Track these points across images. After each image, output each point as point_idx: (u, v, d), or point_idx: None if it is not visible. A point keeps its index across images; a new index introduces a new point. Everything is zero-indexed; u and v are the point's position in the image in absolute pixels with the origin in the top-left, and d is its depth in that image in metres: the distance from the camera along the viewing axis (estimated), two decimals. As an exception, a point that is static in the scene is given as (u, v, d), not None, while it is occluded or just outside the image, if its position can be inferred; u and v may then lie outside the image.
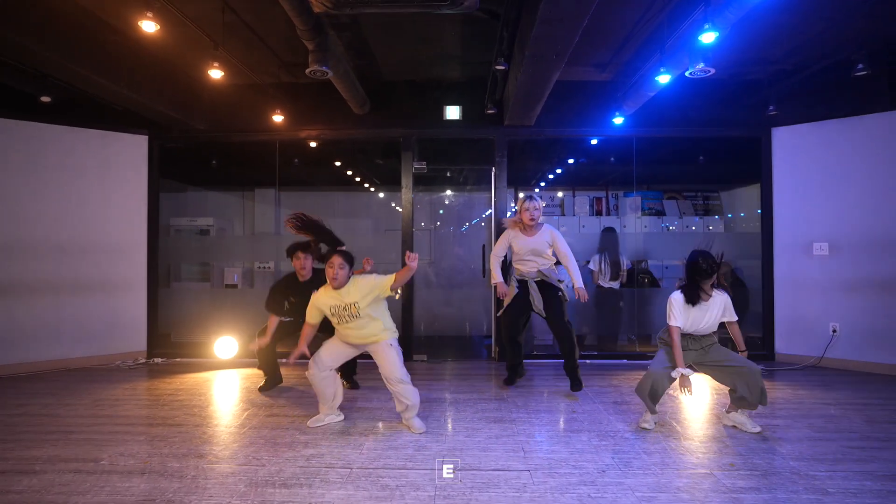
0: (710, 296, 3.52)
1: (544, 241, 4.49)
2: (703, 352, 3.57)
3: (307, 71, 4.27)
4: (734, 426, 3.60)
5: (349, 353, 3.79)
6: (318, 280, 3.97)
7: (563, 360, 4.58)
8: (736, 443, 3.33)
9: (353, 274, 3.60)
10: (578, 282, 4.42)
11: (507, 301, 4.62)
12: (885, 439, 3.38)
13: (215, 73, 4.36)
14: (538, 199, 4.51)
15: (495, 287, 4.70)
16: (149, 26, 3.48)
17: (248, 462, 3.03)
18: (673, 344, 3.49)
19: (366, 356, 3.82)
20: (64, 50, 4.21)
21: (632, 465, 2.98)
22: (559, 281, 4.51)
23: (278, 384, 4.75)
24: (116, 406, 4.16)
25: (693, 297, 3.48)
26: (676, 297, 3.54)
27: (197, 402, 4.27)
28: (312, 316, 3.66)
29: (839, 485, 2.70)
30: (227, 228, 8.18)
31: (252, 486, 2.72)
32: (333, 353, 3.71)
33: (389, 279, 3.53)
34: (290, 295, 4.55)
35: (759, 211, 6.10)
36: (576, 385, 4.47)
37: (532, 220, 4.45)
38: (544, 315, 4.47)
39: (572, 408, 4.12)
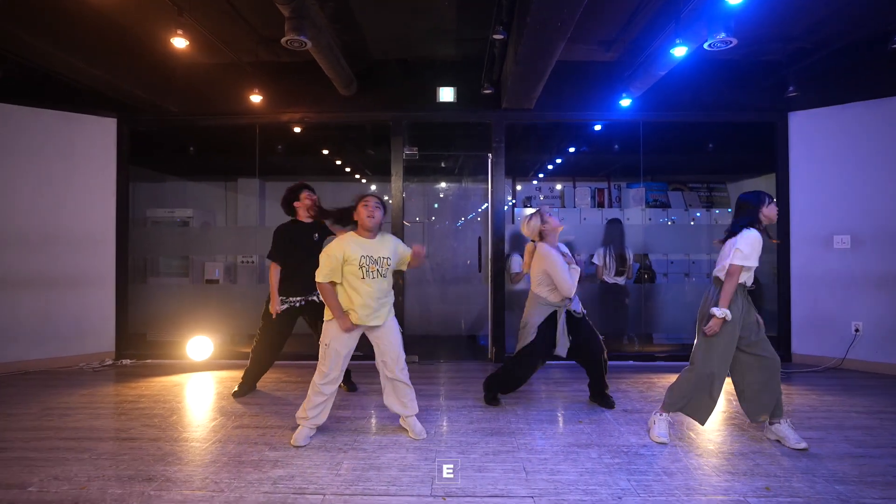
0: None
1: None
2: (747, 314, 3.16)
3: (283, 41, 3.82)
4: (778, 440, 3.17)
5: (351, 348, 3.25)
6: (320, 225, 4.05)
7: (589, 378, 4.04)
8: (768, 460, 2.91)
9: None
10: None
11: (531, 335, 3.76)
12: (936, 456, 2.98)
13: (179, 42, 3.89)
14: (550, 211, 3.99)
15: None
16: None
17: (203, 486, 2.59)
18: (730, 285, 3.05)
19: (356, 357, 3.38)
20: (14, 16, 3.74)
21: (652, 489, 2.56)
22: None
23: (251, 391, 4.31)
24: (66, 416, 3.70)
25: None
26: (755, 235, 3.09)
27: (159, 411, 3.82)
28: (335, 272, 3.11)
29: (900, 517, 2.30)
30: (209, 220, 7.72)
31: (204, 518, 2.28)
32: (340, 357, 3.18)
33: (408, 253, 3.34)
34: (293, 239, 4.13)
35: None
36: (609, 403, 3.94)
37: (557, 227, 3.87)
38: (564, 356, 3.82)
39: (578, 417, 3.69)
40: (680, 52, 3.99)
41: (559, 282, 3.61)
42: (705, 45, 3.79)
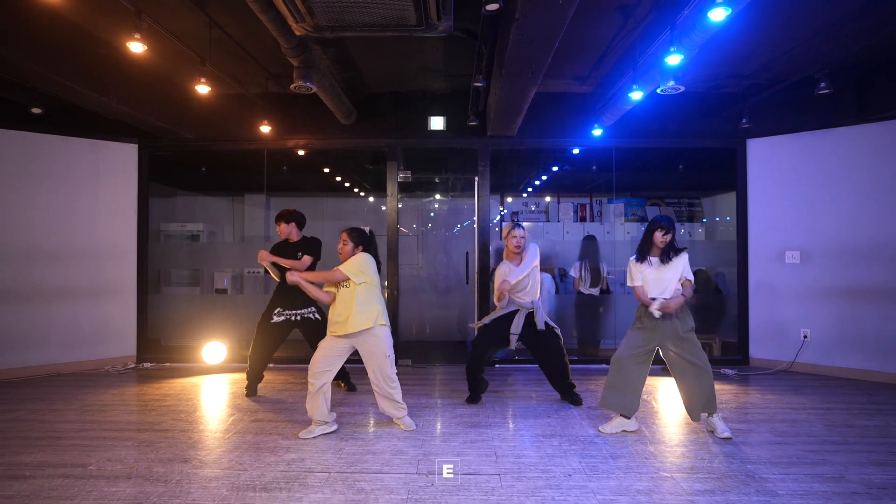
0: (667, 257, 3.72)
1: (531, 262, 4.44)
2: (676, 336, 3.67)
3: (292, 87, 4.41)
4: (710, 430, 3.74)
5: (341, 354, 3.75)
6: (304, 244, 4.66)
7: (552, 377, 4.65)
8: (700, 448, 3.49)
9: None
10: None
11: (484, 320, 4.58)
12: (841, 443, 3.55)
13: (202, 89, 4.47)
14: (522, 226, 4.52)
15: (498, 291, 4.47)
16: (136, 47, 3.60)
17: (231, 467, 3.16)
18: (637, 292, 3.79)
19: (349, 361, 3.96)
20: (52, 64, 4.32)
21: (598, 469, 3.14)
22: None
23: (259, 381, 4.85)
24: (104, 411, 4.27)
25: (642, 253, 3.77)
26: (630, 260, 3.84)
27: (184, 408, 4.39)
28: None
29: (789, 487, 2.87)
30: (218, 233, 8.29)
31: (233, 490, 2.85)
32: (326, 359, 3.69)
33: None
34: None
35: (735, 219, 6.29)
36: (577, 401, 4.52)
37: (518, 247, 4.44)
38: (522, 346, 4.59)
39: (547, 413, 4.27)
40: (636, 95, 4.59)
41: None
42: (658, 90, 4.37)
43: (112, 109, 5.18)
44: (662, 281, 3.71)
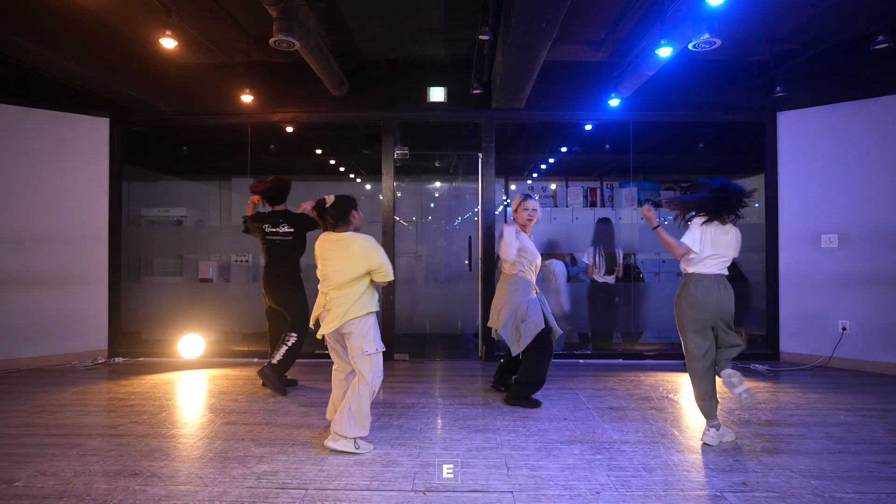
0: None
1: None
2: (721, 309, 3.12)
3: (271, 41, 3.85)
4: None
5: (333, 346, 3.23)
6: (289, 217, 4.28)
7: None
8: (747, 456, 2.95)
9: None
10: None
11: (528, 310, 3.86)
12: (914, 452, 3.02)
13: (168, 43, 3.92)
14: (535, 197, 4.07)
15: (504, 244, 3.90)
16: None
17: (188, 481, 2.62)
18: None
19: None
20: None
21: (630, 485, 2.60)
22: None
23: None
24: (57, 413, 3.73)
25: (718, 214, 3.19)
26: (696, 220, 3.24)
27: (148, 408, 3.85)
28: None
29: (871, 510, 2.33)
30: (204, 219, 7.75)
31: (186, 513, 2.32)
32: (332, 351, 3.22)
33: None
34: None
35: (760, 202, 5.74)
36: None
37: (530, 220, 4.00)
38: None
39: (563, 414, 3.73)
40: (665, 52, 4.03)
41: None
42: (690, 46, 3.82)
43: (74, 73, 4.64)
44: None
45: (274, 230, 4.30)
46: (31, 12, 4.03)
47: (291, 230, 4.30)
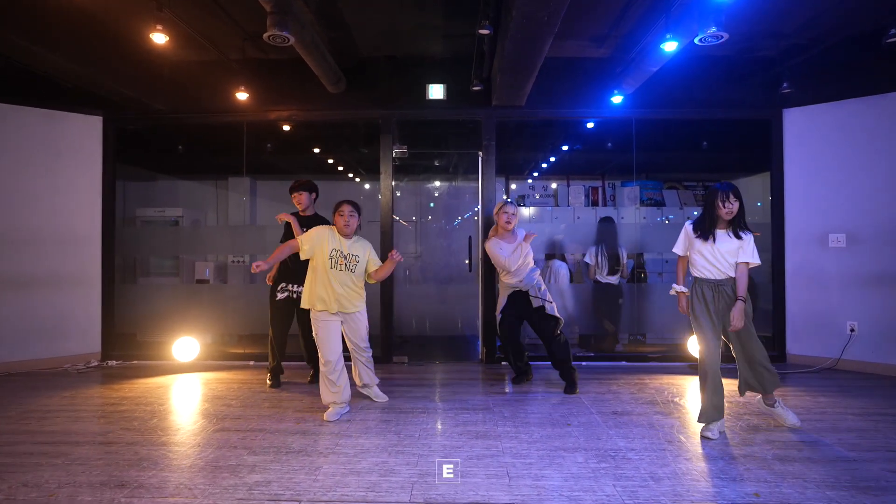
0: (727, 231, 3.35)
1: (516, 244, 4.46)
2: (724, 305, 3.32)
3: (265, 36, 3.74)
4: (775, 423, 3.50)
5: (337, 328, 3.69)
6: (316, 221, 4.37)
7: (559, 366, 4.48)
8: (758, 465, 2.83)
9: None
10: None
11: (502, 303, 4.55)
12: (931, 460, 2.91)
13: (159, 38, 3.81)
14: (514, 203, 4.55)
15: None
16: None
17: (176, 493, 2.51)
18: (677, 268, 3.51)
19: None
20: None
21: (638, 495, 2.49)
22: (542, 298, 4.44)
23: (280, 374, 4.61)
24: (44, 419, 3.62)
25: (702, 226, 3.36)
26: (686, 225, 3.49)
27: (140, 414, 3.75)
28: (306, 251, 3.64)
29: (892, 524, 2.22)
30: (200, 219, 7.64)
31: (173, 527, 2.21)
32: (330, 339, 3.62)
33: (378, 266, 3.81)
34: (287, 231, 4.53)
35: (765, 200, 5.62)
36: (571, 388, 4.35)
37: (508, 223, 4.44)
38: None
39: (567, 420, 3.62)
40: (670, 46, 3.92)
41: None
42: (696, 40, 3.71)
43: (63, 69, 4.53)
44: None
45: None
46: (20, 8, 3.93)
47: None
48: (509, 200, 4.53)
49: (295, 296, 4.41)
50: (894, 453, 2.99)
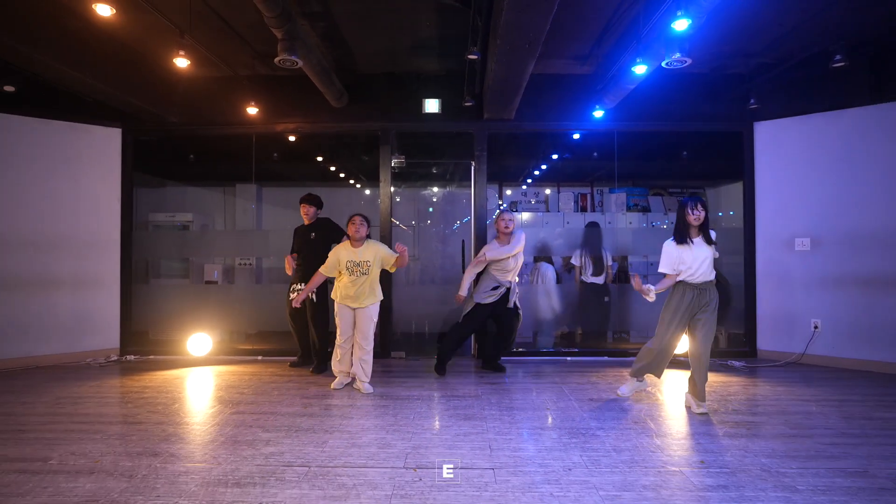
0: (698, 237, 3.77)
1: (515, 245, 4.91)
2: (702, 306, 3.76)
3: (276, 60, 4.16)
4: (687, 406, 3.93)
5: (347, 318, 4.42)
6: (318, 226, 5.17)
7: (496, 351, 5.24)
8: (710, 440, 3.25)
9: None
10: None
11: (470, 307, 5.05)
12: (860, 435, 3.31)
13: (181, 62, 4.23)
14: (511, 211, 5.16)
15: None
16: (104, 10, 3.37)
17: (203, 460, 2.93)
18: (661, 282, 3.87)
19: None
20: (20, 34, 4.08)
21: (600, 463, 2.90)
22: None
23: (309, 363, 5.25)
24: (77, 404, 4.04)
25: (681, 235, 3.74)
26: (667, 242, 3.82)
27: (162, 400, 4.16)
28: (329, 269, 4.45)
29: (809, 482, 2.63)
30: (209, 224, 8.06)
31: (203, 485, 2.61)
32: (345, 321, 4.41)
33: (393, 257, 4.41)
34: (297, 238, 5.34)
35: (737, 209, 6.05)
36: (500, 368, 5.15)
37: (507, 228, 4.90)
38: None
39: (546, 405, 4.03)
40: (640, 69, 4.35)
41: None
42: (663, 64, 4.13)
43: (88, 87, 4.95)
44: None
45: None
46: (49, 30, 4.35)
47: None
48: (505, 207, 5.02)
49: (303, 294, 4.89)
50: (830, 430, 3.41)
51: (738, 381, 4.81)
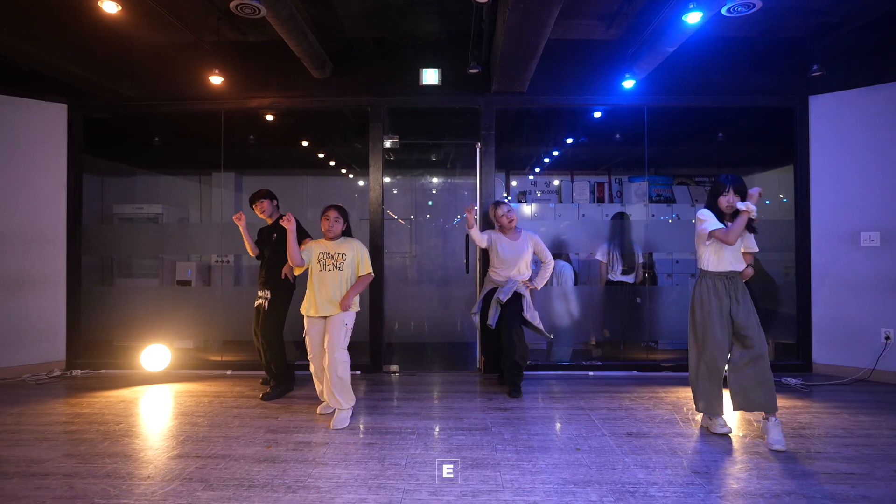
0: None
1: (526, 247, 4.34)
2: (734, 299, 3.24)
3: (232, 6, 3.30)
4: (760, 437, 3.25)
5: (322, 333, 3.58)
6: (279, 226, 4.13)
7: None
8: (805, 502, 2.38)
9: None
10: (540, 282, 4.38)
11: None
12: None
13: (109, 7, 3.35)
14: (506, 201, 4.45)
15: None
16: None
17: (104, 546, 2.07)
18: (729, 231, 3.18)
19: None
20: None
21: (667, 550, 2.04)
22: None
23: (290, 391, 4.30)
24: (-23, 443, 3.18)
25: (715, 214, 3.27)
26: (701, 210, 3.35)
27: (90, 436, 3.30)
28: (305, 252, 3.61)
29: None
30: (183, 217, 7.20)
31: None
32: (314, 340, 3.59)
33: (366, 271, 3.64)
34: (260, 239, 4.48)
35: (789, 197, 5.16)
36: (515, 391, 4.21)
37: (511, 220, 4.34)
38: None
39: (575, 443, 3.17)
40: (694, 18, 3.46)
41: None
42: (723, 10, 3.27)
43: (17, 50, 4.07)
44: None
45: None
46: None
47: None
48: (499, 201, 4.46)
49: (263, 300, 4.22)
50: (965, 490, 2.54)
51: (804, 405, 3.94)
